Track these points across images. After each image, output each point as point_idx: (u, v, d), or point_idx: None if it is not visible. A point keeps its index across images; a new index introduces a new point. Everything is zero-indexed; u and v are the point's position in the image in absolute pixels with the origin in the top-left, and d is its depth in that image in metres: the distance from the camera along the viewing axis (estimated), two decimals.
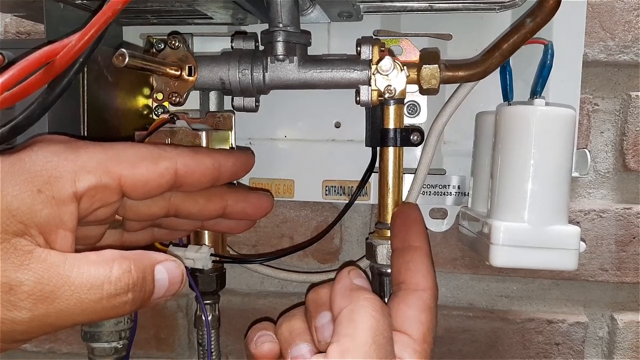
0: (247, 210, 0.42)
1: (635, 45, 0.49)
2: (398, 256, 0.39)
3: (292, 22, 0.41)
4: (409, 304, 0.36)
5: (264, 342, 0.37)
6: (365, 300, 0.33)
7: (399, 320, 0.35)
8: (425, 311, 0.36)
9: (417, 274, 0.37)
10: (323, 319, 0.35)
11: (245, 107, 0.45)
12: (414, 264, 0.38)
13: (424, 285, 0.37)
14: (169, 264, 0.32)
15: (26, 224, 0.28)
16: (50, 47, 0.29)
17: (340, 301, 0.34)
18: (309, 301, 0.38)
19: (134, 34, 0.50)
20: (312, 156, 0.51)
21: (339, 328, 0.32)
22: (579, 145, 0.50)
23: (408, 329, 0.35)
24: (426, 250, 0.39)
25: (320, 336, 0.35)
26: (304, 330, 0.36)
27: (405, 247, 0.39)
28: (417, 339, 0.34)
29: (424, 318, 0.35)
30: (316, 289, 0.38)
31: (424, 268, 0.37)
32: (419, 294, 0.36)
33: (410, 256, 0.38)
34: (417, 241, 0.39)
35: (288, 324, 0.37)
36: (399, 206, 0.43)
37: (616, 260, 0.52)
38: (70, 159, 0.30)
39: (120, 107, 0.45)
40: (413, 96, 0.46)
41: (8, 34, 0.57)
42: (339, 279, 0.36)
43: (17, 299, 0.26)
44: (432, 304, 0.36)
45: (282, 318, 0.38)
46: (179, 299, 0.59)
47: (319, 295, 0.37)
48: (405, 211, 0.42)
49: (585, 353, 0.54)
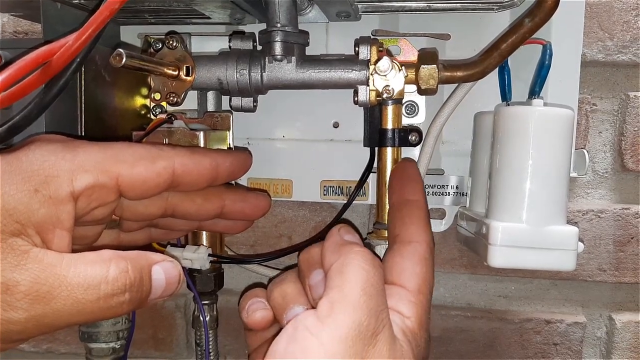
0: (245, 210, 0.42)
1: (634, 45, 0.49)
2: (394, 211, 0.39)
3: (290, 22, 0.41)
4: (403, 256, 0.35)
5: (256, 310, 0.36)
6: (355, 253, 0.32)
7: (393, 272, 0.35)
8: (420, 263, 0.35)
9: (411, 227, 0.37)
10: (316, 277, 0.35)
11: (243, 107, 0.45)
12: (409, 217, 0.37)
13: (418, 237, 0.36)
14: (167, 265, 0.32)
15: (23, 223, 0.28)
16: (47, 47, 0.29)
17: (331, 257, 0.33)
18: (301, 261, 0.37)
19: (131, 34, 0.50)
20: (310, 156, 0.51)
21: (329, 282, 0.32)
22: (577, 145, 0.50)
23: (403, 281, 0.34)
24: (422, 204, 0.38)
25: (314, 294, 0.34)
26: (297, 293, 0.35)
27: (401, 202, 0.39)
28: (412, 291, 0.34)
29: (419, 270, 0.35)
30: (308, 249, 0.37)
31: (418, 221, 0.37)
32: (413, 246, 0.36)
33: (405, 210, 0.38)
34: (412, 195, 0.39)
35: (280, 288, 0.36)
36: (397, 163, 0.43)
37: (614, 261, 0.52)
38: (68, 158, 0.30)
39: (117, 106, 0.45)
40: (411, 96, 0.46)
41: (5, 33, 0.57)
42: (329, 236, 0.36)
43: (14, 299, 0.26)
44: (427, 255, 0.36)
45: (272, 284, 0.37)
46: (177, 299, 0.59)
47: (310, 254, 0.36)
48: (403, 166, 0.42)
49: (583, 353, 0.54)
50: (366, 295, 0.30)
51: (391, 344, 0.30)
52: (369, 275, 0.31)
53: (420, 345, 0.33)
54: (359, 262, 0.32)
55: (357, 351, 0.29)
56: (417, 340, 0.33)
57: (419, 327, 0.33)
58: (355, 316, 0.29)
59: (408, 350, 0.32)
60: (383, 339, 0.30)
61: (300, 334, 0.29)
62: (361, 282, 0.31)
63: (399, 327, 0.32)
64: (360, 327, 0.29)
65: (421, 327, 0.33)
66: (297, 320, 0.30)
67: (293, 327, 0.30)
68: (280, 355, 0.29)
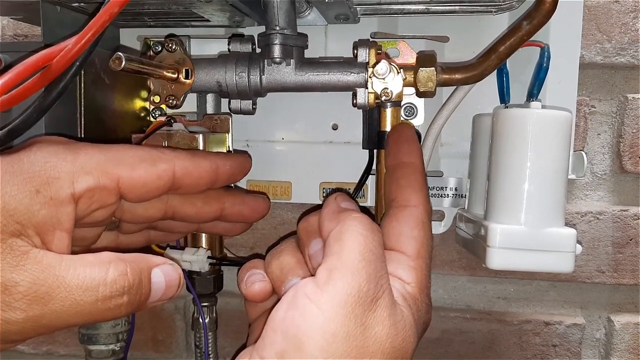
0: (244, 212, 0.42)
1: (632, 47, 0.49)
2: (390, 174, 0.38)
3: (288, 24, 0.41)
4: (400, 221, 0.35)
5: (254, 282, 0.36)
6: (353, 219, 0.32)
7: (391, 238, 0.34)
8: (418, 227, 0.35)
9: (408, 190, 0.36)
10: (315, 246, 0.34)
11: (242, 109, 0.45)
12: (405, 180, 0.37)
13: (415, 201, 0.36)
14: (166, 268, 0.32)
15: (23, 224, 0.28)
16: (47, 51, 0.30)
17: (328, 224, 0.33)
18: (300, 230, 0.36)
19: (131, 36, 0.50)
20: (309, 158, 0.51)
21: (328, 249, 0.31)
22: (575, 147, 0.50)
23: (401, 246, 0.34)
24: (418, 166, 0.38)
25: (314, 263, 0.34)
26: (295, 264, 0.35)
27: (397, 164, 0.38)
28: (411, 255, 0.34)
29: (417, 234, 0.34)
30: (306, 217, 0.36)
31: (415, 184, 0.37)
32: (410, 210, 0.35)
33: (401, 172, 0.38)
34: (408, 157, 0.38)
35: (277, 260, 0.35)
36: (393, 126, 0.42)
37: (613, 262, 0.52)
38: (69, 160, 0.30)
39: (117, 109, 0.45)
40: (410, 98, 0.46)
41: (5, 36, 0.57)
42: (326, 204, 0.35)
43: (12, 300, 0.26)
44: (424, 219, 0.35)
45: (269, 255, 0.37)
46: (176, 301, 0.59)
47: (309, 223, 0.36)
48: (399, 129, 0.41)
49: (582, 355, 0.54)
50: (365, 260, 0.30)
51: (391, 309, 0.30)
52: (367, 240, 0.31)
53: (421, 310, 0.33)
54: (356, 228, 0.31)
55: (356, 316, 0.29)
56: (417, 305, 0.32)
57: (420, 291, 0.33)
58: (354, 282, 0.29)
59: (409, 316, 0.31)
60: (383, 304, 0.30)
61: (300, 300, 0.29)
62: (359, 248, 0.30)
63: (400, 292, 0.32)
64: (359, 292, 0.29)
65: (422, 291, 0.33)
66: (296, 288, 0.30)
67: (293, 294, 0.30)
68: (280, 321, 0.29)
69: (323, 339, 0.28)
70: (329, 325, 0.28)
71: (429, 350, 0.55)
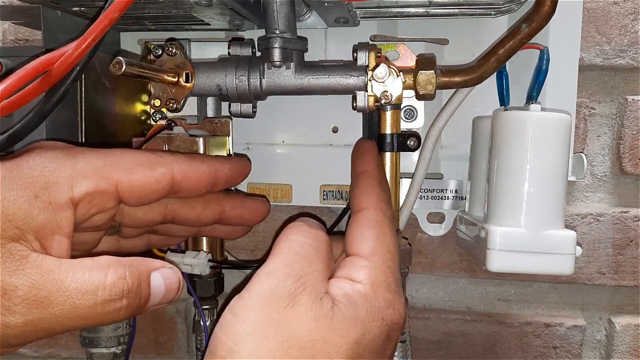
0: (244, 215, 0.42)
1: (632, 49, 0.49)
2: (351, 187, 0.39)
3: (288, 28, 0.41)
4: (353, 225, 0.36)
5: None
6: (292, 227, 0.34)
7: (347, 243, 0.35)
8: (370, 226, 0.35)
9: (360, 196, 0.37)
10: None
11: (243, 113, 0.45)
12: (358, 187, 0.38)
13: (367, 203, 0.36)
14: (166, 271, 0.32)
15: (22, 228, 0.28)
16: (47, 56, 0.30)
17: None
18: None
19: (131, 40, 0.51)
20: (309, 161, 0.51)
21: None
22: (575, 149, 0.51)
23: (355, 249, 0.34)
24: (372, 173, 0.39)
25: None
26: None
27: (354, 176, 0.39)
28: (364, 255, 0.34)
29: (369, 233, 0.35)
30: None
31: (367, 189, 0.37)
32: (362, 212, 0.36)
33: (356, 182, 0.39)
34: (362, 166, 0.39)
35: None
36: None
37: (613, 264, 0.52)
38: (68, 164, 0.30)
39: (118, 113, 0.45)
40: (410, 101, 0.47)
41: (6, 40, 0.58)
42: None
43: (12, 304, 0.27)
44: (378, 218, 0.35)
45: None
46: (177, 303, 0.59)
47: None
48: (357, 145, 0.42)
49: (583, 356, 0.54)
50: (285, 262, 0.31)
51: (312, 304, 0.30)
52: (295, 244, 0.32)
53: (377, 306, 0.32)
54: (289, 234, 0.33)
55: (272, 310, 0.29)
56: (370, 302, 0.32)
57: (373, 288, 0.32)
58: (267, 283, 0.30)
59: (350, 312, 0.30)
60: (303, 300, 0.30)
61: (223, 317, 0.30)
62: (285, 251, 0.32)
63: (344, 291, 0.32)
64: (272, 291, 0.30)
65: (376, 287, 0.32)
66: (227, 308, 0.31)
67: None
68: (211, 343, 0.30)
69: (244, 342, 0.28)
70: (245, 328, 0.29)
71: (430, 352, 0.56)
